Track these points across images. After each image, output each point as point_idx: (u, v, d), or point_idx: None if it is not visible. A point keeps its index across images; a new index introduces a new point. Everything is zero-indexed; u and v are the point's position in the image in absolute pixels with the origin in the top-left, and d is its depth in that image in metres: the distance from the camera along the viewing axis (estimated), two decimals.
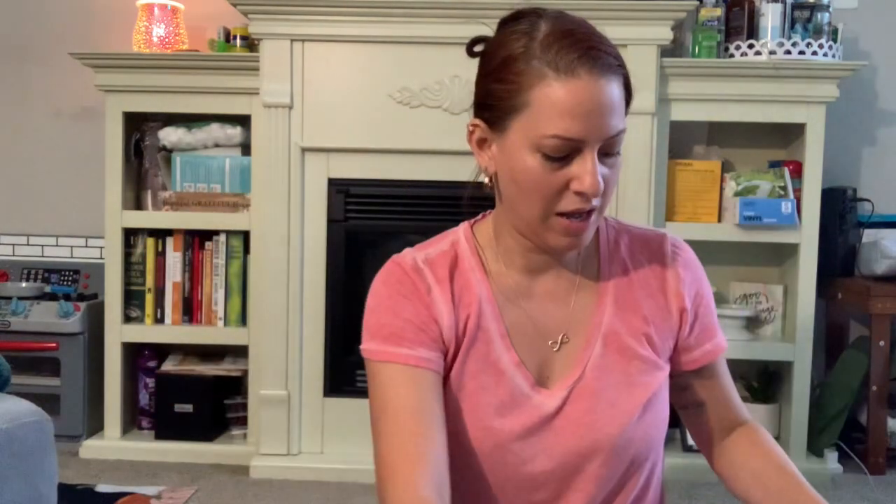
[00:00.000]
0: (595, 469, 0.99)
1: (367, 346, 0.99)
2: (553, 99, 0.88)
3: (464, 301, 1.01)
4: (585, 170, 0.90)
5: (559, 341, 1.02)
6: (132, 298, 2.87)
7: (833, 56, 2.68)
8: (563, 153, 0.90)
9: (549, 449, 0.99)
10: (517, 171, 0.93)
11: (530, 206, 0.93)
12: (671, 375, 1.06)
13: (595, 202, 0.92)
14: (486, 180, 1.00)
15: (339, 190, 2.67)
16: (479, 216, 1.09)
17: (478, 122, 0.97)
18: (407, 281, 1.00)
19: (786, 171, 2.75)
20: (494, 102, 0.94)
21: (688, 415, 1.12)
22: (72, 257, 3.23)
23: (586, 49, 0.89)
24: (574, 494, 1.00)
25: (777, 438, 2.83)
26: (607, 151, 0.92)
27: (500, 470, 0.99)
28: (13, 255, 3.25)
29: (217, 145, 2.86)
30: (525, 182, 0.92)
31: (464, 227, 1.07)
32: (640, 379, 1.01)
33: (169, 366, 2.88)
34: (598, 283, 1.03)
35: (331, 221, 2.67)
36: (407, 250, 1.05)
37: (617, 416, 0.99)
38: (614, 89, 0.90)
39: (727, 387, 1.10)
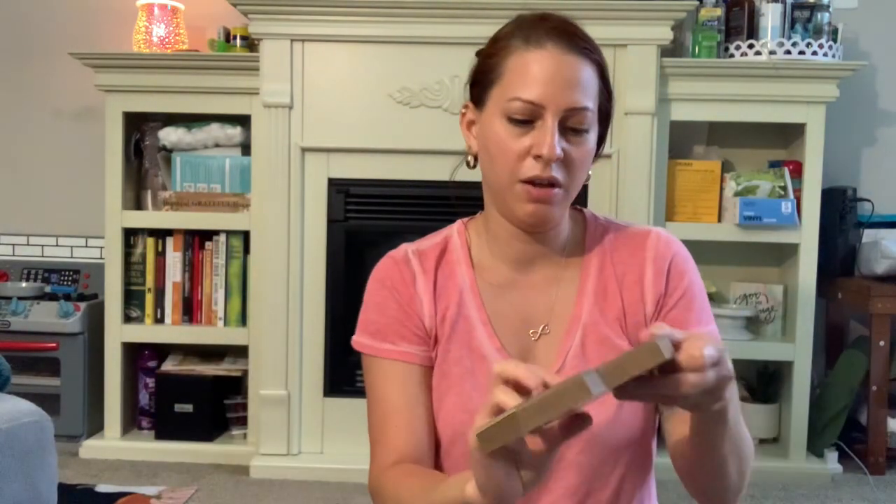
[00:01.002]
0: (574, 456, 1.00)
1: (357, 339, 1.09)
2: (520, 65, 0.97)
3: (446, 291, 1.07)
4: (544, 135, 0.95)
5: (539, 332, 1.05)
6: (132, 298, 2.87)
7: (833, 56, 2.68)
8: (525, 117, 0.96)
9: None
10: (488, 138, 1.00)
11: (498, 172, 0.99)
12: None
13: (556, 173, 0.96)
14: (470, 160, 1.06)
15: (339, 190, 2.67)
16: (479, 213, 1.13)
17: (468, 103, 1.06)
18: (394, 273, 1.08)
19: (786, 171, 2.75)
20: (479, 78, 1.03)
21: (663, 423, 1.05)
22: (72, 257, 3.23)
23: (555, 28, 0.98)
24: (555, 483, 1.01)
25: (777, 438, 2.83)
26: (572, 127, 0.97)
27: None
28: (13, 255, 3.25)
29: (217, 145, 2.86)
30: (493, 148, 0.99)
31: (458, 223, 1.14)
32: None
33: (169, 366, 2.88)
34: (580, 276, 1.06)
35: (331, 221, 2.67)
36: (403, 244, 1.12)
37: (595, 406, 0.99)
38: (581, 67, 0.97)
39: None
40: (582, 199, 2.42)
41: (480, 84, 1.02)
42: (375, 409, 1.06)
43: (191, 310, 2.87)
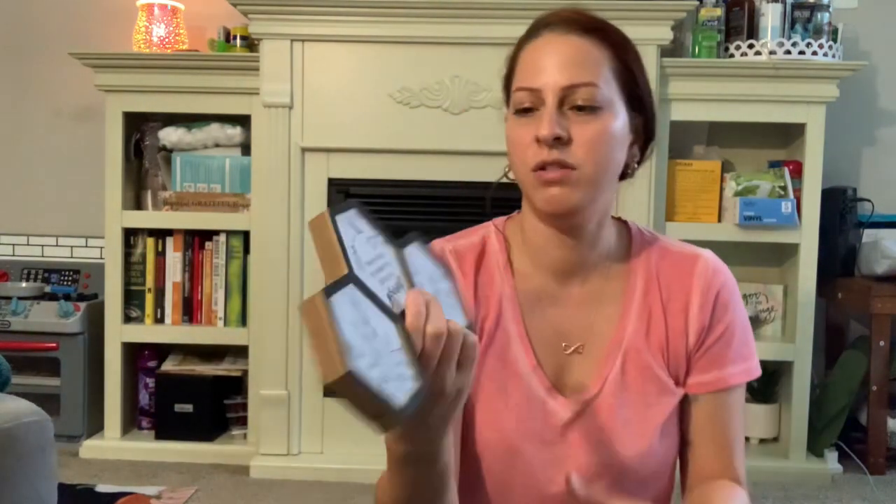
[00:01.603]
0: (605, 487, 0.97)
1: None
2: (522, 58, 0.97)
3: (485, 298, 1.01)
4: (541, 116, 0.93)
5: (575, 348, 1.00)
6: (132, 298, 2.87)
7: (833, 56, 2.68)
8: (528, 105, 0.94)
9: (559, 460, 0.97)
10: (507, 138, 0.98)
11: (516, 168, 0.97)
12: None
13: (564, 154, 0.92)
14: (507, 170, 1.03)
15: (339, 190, 2.67)
16: (514, 213, 1.08)
17: (506, 117, 1.02)
18: None
19: (786, 171, 2.75)
20: (503, 86, 1.02)
21: (682, 455, 1.04)
22: (72, 257, 3.23)
23: (556, 16, 0.97)
24: None
25: (777, 438, 2.83)
26: (576, 105, 0.93)
27: (509, 475, 0.98)
28: (13, 255, 3.25)
29: (217, 145, 2.86)
30: (510, 144, 0.97)
31: (496, 222, 1.07)
32: (657, 400, 0.98)
33: (169, 366, 2.88)
34: (624, 295, 1.01)
35: None
36: (436, 240, 1.04)
37: (630, 437, 0.97)
38: (581, 45, 0.95)
39: (724, 430, 1.00)
40: None
41: (505, 91, 1.01)
42: None
43: (191, 310, 2.87)
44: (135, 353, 2.91)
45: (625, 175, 1.03)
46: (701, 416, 1.00)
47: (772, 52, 2.67)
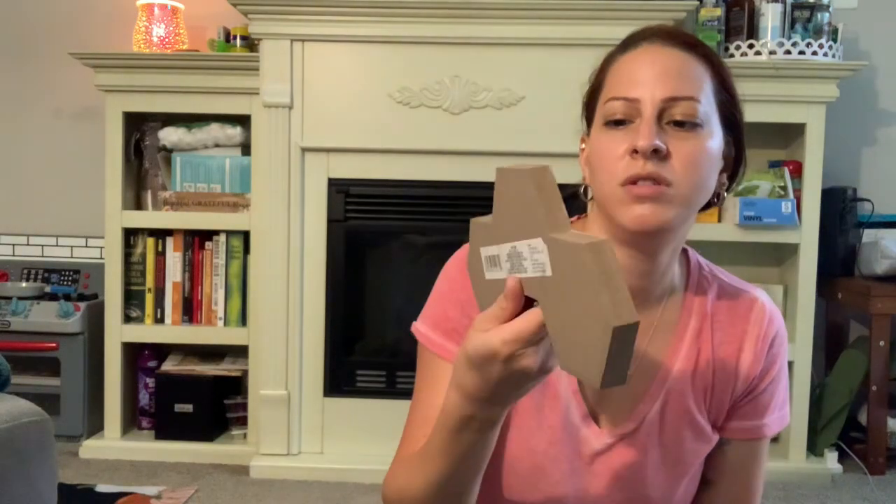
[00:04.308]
0: None
1: (419, 328, 0.98)
2: (616, 69, 0.92)
3: None
4: (639, 127, 0.87)
5: None
6: (132, 298, 2.87)
7: (833, 56, 2.68)
8: (622, 116, 0.88)
9: (583, 489, 0.96)
10: (593, 151, 0.92)
11: (601, 183, 0.90)
12: None
13: (660, 169, 0.86)
14: (582, 190, 0.99)
15: (339, 190, 2.67)
16: (574, 218, 1.01)
17: (583, 136, 0.98)
18: None
19: (786, 171, 2.75)
20: (586, 102, 0.97)
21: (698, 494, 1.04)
22: (72, 257, 3.23)
23: (655, 30, 0.93)
24: None
25: (777, 438, 2.83)
26: (675, 120, 0.87)
27: (529, 493, 0.97)
28: (13, 255, 3.25)
29: (217, 145, 2.86)
30: (597, 157, 0.91)
31: None
32: (692, 445, 0.96)
33: (169, 366, 2.88)
34: (675, 332, 0.97)
35: (331, 221, 2.67)
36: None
37: (658, 479, 0.95)
38: (683, 59, 0.90)
39: (749, 477, 1.01)
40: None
41: (588, 107, 0.96)
42: (418, 408, 0.95)
43: (191, 310, 2.87)
44: (135, 353, 2.91)
45: (709, 205, 0.96)
46: (729, 461, 1.00)
47: (772, 52, 2.67)
